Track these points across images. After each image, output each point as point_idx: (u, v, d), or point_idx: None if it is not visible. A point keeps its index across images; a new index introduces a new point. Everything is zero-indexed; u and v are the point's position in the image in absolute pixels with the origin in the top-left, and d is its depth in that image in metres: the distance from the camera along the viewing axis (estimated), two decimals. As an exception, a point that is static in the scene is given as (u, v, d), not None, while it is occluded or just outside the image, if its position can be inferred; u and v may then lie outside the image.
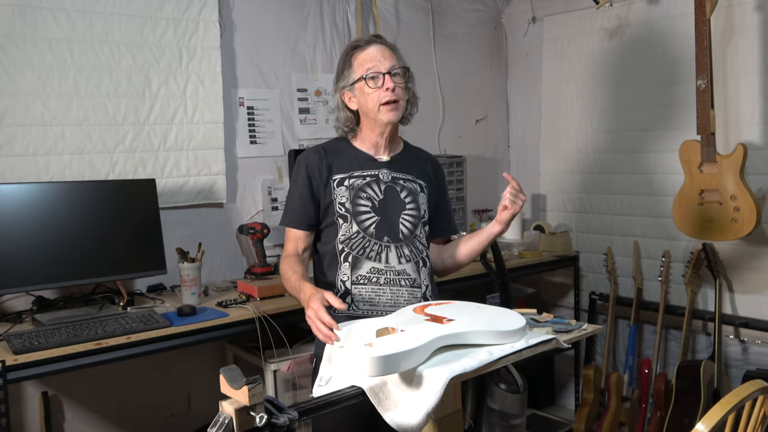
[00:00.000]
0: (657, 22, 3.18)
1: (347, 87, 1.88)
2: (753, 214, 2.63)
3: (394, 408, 1.37)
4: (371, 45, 1.86)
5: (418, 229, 1.91)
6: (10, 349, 1.85)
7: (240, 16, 2.86)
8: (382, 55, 1.84)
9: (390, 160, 1.94)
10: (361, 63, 1.85)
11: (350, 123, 1.92)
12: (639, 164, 3.31)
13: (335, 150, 1.95)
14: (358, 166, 1.91)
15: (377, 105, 1.84)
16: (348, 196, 1.88)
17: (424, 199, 1.96)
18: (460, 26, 3.69)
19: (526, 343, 1.51)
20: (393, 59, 1.85)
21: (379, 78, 1.83)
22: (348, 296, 1.85)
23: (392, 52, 1.87)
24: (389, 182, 1.91)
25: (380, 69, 1.83)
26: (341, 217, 1.87)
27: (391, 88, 1.82)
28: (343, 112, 1.92)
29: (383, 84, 1.82)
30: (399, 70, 1.85)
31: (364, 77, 1.83)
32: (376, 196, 1.89)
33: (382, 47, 1.87)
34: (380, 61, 1.83)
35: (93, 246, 2.26)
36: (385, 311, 1.83)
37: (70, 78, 2.42)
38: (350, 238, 1.86)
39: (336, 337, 1.52)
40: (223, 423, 1.11)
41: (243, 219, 2.88)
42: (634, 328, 3.28)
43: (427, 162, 2.05)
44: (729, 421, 1.31)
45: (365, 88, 1.84)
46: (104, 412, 2.58)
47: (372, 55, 1.84)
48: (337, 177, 1.90)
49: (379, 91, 1.83)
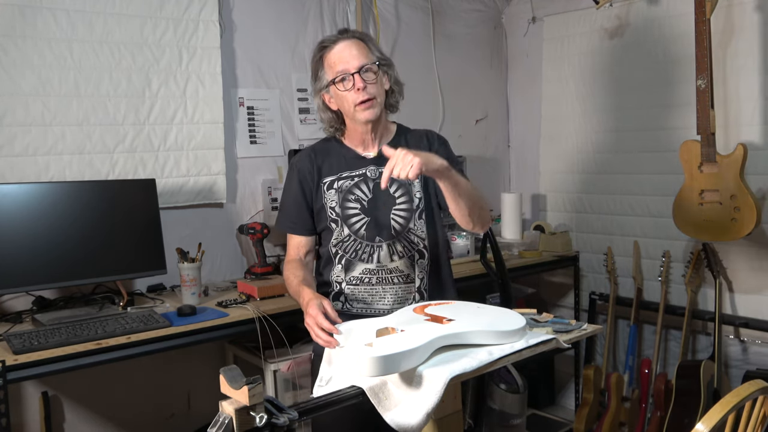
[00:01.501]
0: (657, 21, 3.18)
1: (323, 89, 1.83)
2: (753, 214, 2.63)
3: (394, 408, 1.37)
4: (338, 43, 1.79)
5: (411, 222, 1.88)
6: (10, 349, 1.85)
7: (240, 16, 2.86)
8: (350, 53, 1.77)
9: (377, 155, 1.88)
10: (330, 65, 1.79)
11: (334, 122, 1.89)
12: (639, 164, 3.31)
13: (325, 151, 1.93)
14: (346, 166, 1.89)
15: (353, 105, 1.79)
16: (337, 200, 1.87)
17: (418, 186, 1.89)
18: (460, 26, 3.69)
19: (526, 343, 1.51)
20: (362, 56, 1.77)
21: (349, 79, 1.76)
22: (342, 296, 1.90)
23: (360, 47, 1.79)
24: (377, 178, 1.87)
25: (348, 69, 1.76)
26: (333, 221, 1.88)
27: (362, 88, 1.76)
28: (325, 113, 1.88)
29: (353, 84, 1.76)
30: (370, 66, 1.78)
31: (333, 81, 1.78)
32: (365, 196, 1.87)
33: (349, 43, 1.79)
34: (348, 60, 1.76)
35: (93, 246, 2.26)
36: (379, 309, 1.85)
37: (70, 78, 2.42)
38: (342, 241, 1.87)
39: (336, 342, 1.52)
40: (223, 423, 1.11)
41: (243, 219, 2.88)
42: (634, 328, 3.28)
43: (421, 139, 1.94)
44: (729, 421, 1.31)
45: (338, 91, 1.79)
46: (104, 412, 2.58)
47: (339, 56, 1.78)
48: (327, 180, 1.88)
49: (352, 92, 1.77)
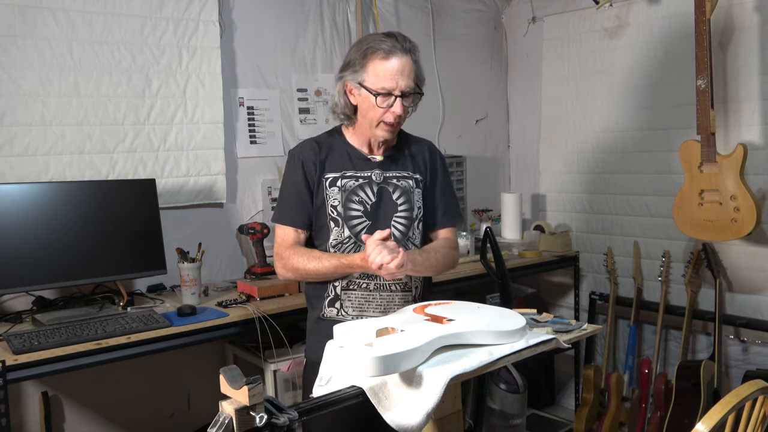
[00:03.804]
0: (657, 21, 3.18)
1: (353, 82, 1.79)
2: (753, 214, 2.63)
3: (394, 408, 1.37)
4: (393, 56, 1.73)
5: (410, 230, 1.87)
6: (10, 349, 1.85)
7: (240, 16, 2.86)
8: (401, 73, 1.73)
9: (383, 159, 1.88)
10: (377, 74, 1.74)
11: (348, 110, 1.85)
12: (639, 164, 3.31)
13: (329, 145, 1.88)
14: (351, 165, 1.86)
15: (377, 121, 1.77)
16: (340, 199, 1.83)
17: (418, 195, 1.89)
18: (460, 26, 3.69)
19: (526, 343, 1.51)
20: (410, 77, 1.75)
21: (390, 99, 1.74)
22: (338, 301, 1.84)
23: (411, 69, 1.76)
24: (381, 183, 1.86)
25: (394, 90, 1.73)
26: (333, 220, 1.83)
27: (399, 114, 1.75)
28: (342, 98, 1.84)
29: (392, 106, 1.74)
30: (412, 89, 1.77)
31: (375, 94, 1.74)
32: (369, 199, 1.84)
33: (405, 62, 1.75)
34: (397, 80, 1.73)
35: (93, 246, 2.26)
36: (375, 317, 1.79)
37: (70, 78, 2.42)
38: (341, 242, 1.83)
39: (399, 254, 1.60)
40: (223, 423, 1.11)
41: (243, 219, 2.88)
42: (634, 328, 3.28)
43: (422, 150, 1.96)
44: (729, 421, 1.31)
45: (371, 100, 1.75)
46: (104, 412, 2.58)
47: (391, 73, 1.73)
48: (330, 176, 1.84)
49: (385, 111, 1.76)
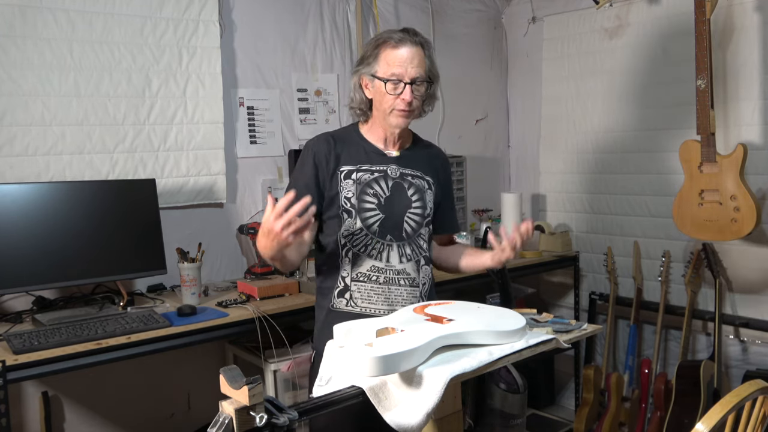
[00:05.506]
0: (657, 21, 3.18)
1: (367, 75, 1.83)
2: (753, 214, 2.63)
3: (394, 408, 1.37)
4: (403, 45, 1.78)
5: (422, 227, 1.90)
6: (10, 349, 1.85)
7: (240, 16, 2.86)
8: (411, 61, 1.78)
9: (399, 156, 1.91)
10: (387, 62, 1.79)
11: (363, 105, 1.88)
12: (639, 164, 3.31)
13: (345, 139, 1.91)
14: (366, 159, 1.88)
15: (390, 108, 1.81)
16: (354, 191, 1.85)
17: (430, 196, 1.93)
18: (460, 26, 3.69)
19: (526, 343, 1.50)
20: (421, 66, 1.79)
21: (400, 86, 1.78)
22: (347, 292, 1.85)
23: (421, 58, 1.80)
24: (397, 178, 1.88)
25: (404, 77, 1.77)
26: (346, 211, 1.84)
27: (408, 101, 1.79)
28: (358, 93, 1.88)
29: (402, 93, 1.78)
30: (423, 79, 1.80)
31: (385, 81, 1.78)
32: (383, 192, 1.87)
33: (414, 51, 1.79)
34: (407, 68, 1.77)
35: (93, 246, 2.26)
36: (382, 309, 1.83)
37: (70, 78, 2.42)
38: (353, 234, 1.84)
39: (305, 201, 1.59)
40: (223, 423, 1.11)
41: (243, 219, 2.88)
42: (634, 328, 3.28)
43: (438, 157, 2.02)
44: (729, 421, 1.31)
45: (383, 88, 1.80)
46: (104, 412, 2.58)
47: (400, 60, 1.77)
48: (345, 169, 1.86)
49: (396, 98, 1.79)
